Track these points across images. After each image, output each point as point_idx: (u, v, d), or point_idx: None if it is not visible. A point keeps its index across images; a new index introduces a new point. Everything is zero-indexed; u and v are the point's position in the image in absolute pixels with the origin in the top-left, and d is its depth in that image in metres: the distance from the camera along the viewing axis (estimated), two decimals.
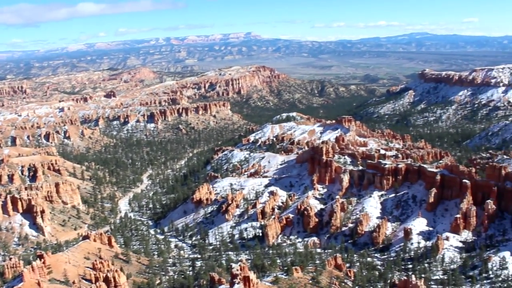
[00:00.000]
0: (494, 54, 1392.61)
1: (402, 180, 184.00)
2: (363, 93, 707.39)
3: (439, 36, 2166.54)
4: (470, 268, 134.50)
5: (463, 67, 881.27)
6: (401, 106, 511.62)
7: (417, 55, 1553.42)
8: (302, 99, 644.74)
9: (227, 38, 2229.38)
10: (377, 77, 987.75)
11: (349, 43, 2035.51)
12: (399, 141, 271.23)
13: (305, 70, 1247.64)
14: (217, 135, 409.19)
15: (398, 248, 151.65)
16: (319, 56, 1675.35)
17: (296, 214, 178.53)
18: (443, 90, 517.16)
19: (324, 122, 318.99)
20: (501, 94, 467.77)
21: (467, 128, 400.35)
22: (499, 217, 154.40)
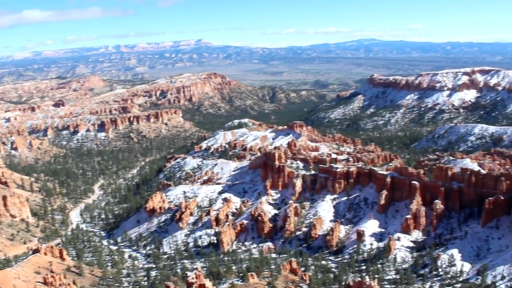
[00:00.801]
0: (438, 59, 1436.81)
1: (354, 183, 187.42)
2: (314, 98, 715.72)
3: (386, 42, 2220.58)
4: (421, 266, 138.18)
5: (410, 72, 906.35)
6: (351, 111, 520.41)
7: (365, 60, 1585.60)
8: (254, 105, 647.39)
9: (177, 46, 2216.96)
10: (327, 83, 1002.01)
11: (299, 50, 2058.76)
12: (350, 145, 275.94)
13: (256, 76, 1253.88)
14: (169, 143, 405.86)
15: (351, 250, 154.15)
16: (270, 63, 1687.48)
17: (250, 220, 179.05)
18: (391, 94, 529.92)
19: (276, 128, 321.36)
20: (446, 97, 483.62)
21: (414, 131, 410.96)
22: (447, 216, 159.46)
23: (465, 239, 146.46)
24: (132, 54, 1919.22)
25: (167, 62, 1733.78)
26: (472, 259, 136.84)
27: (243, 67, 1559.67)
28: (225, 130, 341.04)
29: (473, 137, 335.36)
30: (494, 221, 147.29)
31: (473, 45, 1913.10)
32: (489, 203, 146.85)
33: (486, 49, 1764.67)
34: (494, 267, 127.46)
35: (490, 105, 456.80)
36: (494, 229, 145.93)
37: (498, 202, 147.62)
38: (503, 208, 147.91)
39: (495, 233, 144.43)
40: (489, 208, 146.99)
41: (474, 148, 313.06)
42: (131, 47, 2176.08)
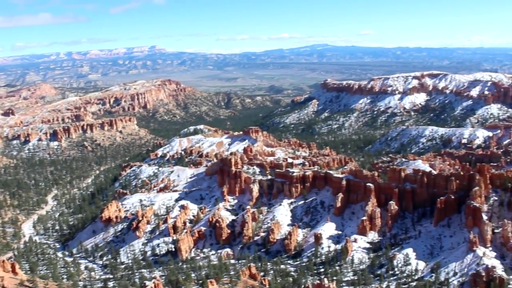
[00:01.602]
0: (389, 64, 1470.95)
1: (310, 187, 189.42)
2: (269, 103, 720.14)
3: (338, 47, 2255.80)
4: (377, 267, 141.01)
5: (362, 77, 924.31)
6: (305, 115, 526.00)
7: (319, 65, 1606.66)
8: (209, 111, 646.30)
9: (131, 52, 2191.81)
10: (281, 88, 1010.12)
11: (254, 55, 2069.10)
12: (305, 149, 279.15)
13: (211, 82, 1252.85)
14: (124, 151, 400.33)
15: (309, 253, 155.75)
16: (225, 69, 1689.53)
17: (208, 226, 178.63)
18: (345, 98, 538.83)
19: (231, 134, 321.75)
20: (397, 101, 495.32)
21: (368, 134, 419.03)
22: (401, 216, 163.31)
23: (419, 238, 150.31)
24: (85, 61, 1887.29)
25: (120, 69, 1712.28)
26: (426, 257, 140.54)
27: (198, 74, 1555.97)
28: (181, 137, 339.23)
29: (424, 139, 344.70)
30: (445, 220, 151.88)
31: (422, 50, 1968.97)
32: (441, 203, 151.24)
33: (434, 54, 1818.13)
34: (447, 264, 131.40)
35: (439, 107, 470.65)
36: (446, 227, 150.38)
37: (449, 201, 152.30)
38: (454, 207, 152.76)
39: (447, 231, 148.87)
40: (441, 207, 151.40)
41: (425, 150, 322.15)
42: (83, 54, 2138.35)
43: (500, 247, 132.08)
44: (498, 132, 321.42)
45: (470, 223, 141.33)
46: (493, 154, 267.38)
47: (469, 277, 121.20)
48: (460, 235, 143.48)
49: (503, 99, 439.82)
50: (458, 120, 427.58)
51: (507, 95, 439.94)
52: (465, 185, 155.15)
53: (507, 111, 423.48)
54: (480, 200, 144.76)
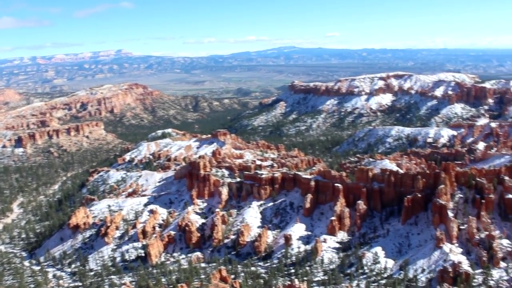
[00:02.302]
0: (356, 65, 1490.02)
1: (279, 189, 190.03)
2: (237, 106, 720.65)
3: (305, 49, 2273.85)
4: (347, 266, 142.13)
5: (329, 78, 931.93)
6: (273, 117, 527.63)
7: (286, 68, 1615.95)
8: (177, 115, 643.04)
9: (97, 56, 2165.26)
10: (249, 90, 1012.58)
11: (221, 58, 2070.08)
12: (273, 151, 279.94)
13: (178, 86, 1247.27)
14: (91, 156, 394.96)
15: (280, 255, 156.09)
16: (192, 72, 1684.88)
17: (178, 230, 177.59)
18: (312, 100, 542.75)
19: (200, 137, 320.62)
20: (364, 102, 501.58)
21: (335, 135, 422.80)
22: (370, 215, 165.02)
23: (387, 237, 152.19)
24: (50, 65, 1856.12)
25: (86, 73, 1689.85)
26: (395, 255, 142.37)
27: (165, 77, 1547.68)
28: (149, 141, 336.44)
29: (390, 138, 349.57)
30: (413, 218, 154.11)
31: (387, 51, 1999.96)
32: (408, 201, 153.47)
33: (399, 55, 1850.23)
34: (415, 261, 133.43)
35: (405, 108, 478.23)
36: (413, 225, 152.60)
37: (416, 200, 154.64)
38: (421, 205, 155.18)
39: (415, 229, 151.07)
40: (408, 205, 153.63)
41: (392, 149, 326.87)
42: (48, 58, 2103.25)
43: (465, 243, 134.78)
44: (462, 131, 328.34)
45: (436, 220, 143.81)
46: (458, 153, 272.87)
47: (436, 273, 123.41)
48: (427, 233, 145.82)
49: (466, 99, 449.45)
50: (423, 119, 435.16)
51: (470, 94, 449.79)
52: (431, 183, 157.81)
53: (470, 111, 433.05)
54: (445, 198, 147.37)
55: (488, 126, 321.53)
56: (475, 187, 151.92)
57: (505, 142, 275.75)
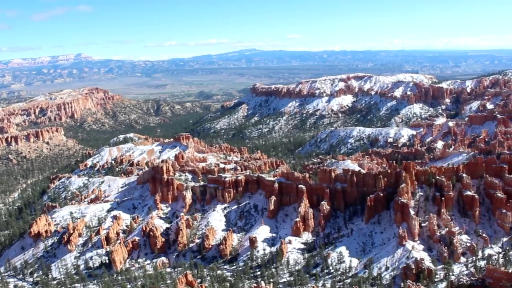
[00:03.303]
0: (316, 67, 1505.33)
1: (243, 191, 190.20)
2: (199, 109, 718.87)
3: (266, 52, 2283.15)
4: (313, 266, 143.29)
5: (290, 80, 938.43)
6: (236, 120, 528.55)
7: (247, 70, 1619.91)
8: (139, 119, 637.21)
9: (56, 61, 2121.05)
10: (211, 94, 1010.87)
11: (182, 61, 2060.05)
12: (236, 154, 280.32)
13: (139, 90, 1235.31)
14: (52, 163, 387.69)
15: (245, 257, 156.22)
16: (153, 76, 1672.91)
17: (142, 236, 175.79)
18: (274, 102, 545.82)
19: (162, 141, 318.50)
20: (325, 103, 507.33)
21: (298, 137, 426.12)
22: (333, 216, 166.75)
23: (351, 236, 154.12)
24: (6, 70, 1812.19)
25: (45, 78, 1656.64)
26: (359, 254, 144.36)
27: (126, 81, 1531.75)
28: (111, 146, 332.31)
29: (352, 139, 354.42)
30: (376, 217, 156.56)
31: (347, 53, 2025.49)
32: (370, 201, 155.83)
33: (359, 56, 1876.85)
34: (379, 259, 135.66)
35: (365, 108, 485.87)
36: (376, 224, 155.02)
37: (378, 199, 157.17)
38: (383, 204, 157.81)
39: (378, 227, 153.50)
40: (371, 205, 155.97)
41: (354, 150, 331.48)
42: (4, 63, 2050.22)
43: (427, 240, 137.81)
44: (421, 130, 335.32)
45: (398, 218, 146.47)
46: (417, 152, 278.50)
47: (400, 271, 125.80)
48: (390, 231, 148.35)
49: (425, 99, 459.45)
50: (383, 120, 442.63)
51: (428, 95, 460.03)
52: (392, 182, 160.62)
53: (428, 110, 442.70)
54: (407, 196, 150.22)
55: (446, 125, 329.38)
56: (435, 185, 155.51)
57: (462, 141, 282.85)
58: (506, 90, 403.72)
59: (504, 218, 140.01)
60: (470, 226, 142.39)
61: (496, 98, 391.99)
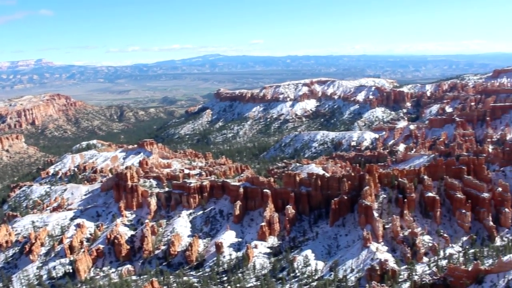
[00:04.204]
0: (280, 72, 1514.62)
1: (208, 197, 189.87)
2: (163, 115, 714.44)
3: (230, 57, 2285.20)
4: (279, 270, 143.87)
5: (254, 85, 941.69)
6: (200, 126, 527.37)
7: (211, 75, 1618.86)
8: (102, 125, 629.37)
9: (15, 66, 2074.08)
10: (175, 99, 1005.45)
11: (145, 67, 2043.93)
12: (201, 159, 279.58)
13: (102, 96, 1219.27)
14: (12, 171, 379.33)
15: (211, 263, 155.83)
16: (116, 81, 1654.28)
17: (107, 244, 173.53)
18: (238, 107, 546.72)
19: (126, 147, 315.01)
20: (289, 108, 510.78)
21: (262, 141, 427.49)
22: (298, 219, 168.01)
23: (316, 239, 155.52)
24: None
25: (4, 84, 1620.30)
26: (325, 257, 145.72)
27: (88, 87, 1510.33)
28: (73, 153, 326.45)
29: (316, 143, 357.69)
30: (340, 220, 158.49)
31: (310, 58, 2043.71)
32: (335, 204, 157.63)
33: (322, 61, 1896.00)
34: (344, 261, 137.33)
35: (329, 112, 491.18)
36: (341, 227, 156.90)
37: (342, 202, 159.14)
38: (347, 206, 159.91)
39: (342, 230, 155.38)
40: (335, 208, 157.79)
41: (318, 154, 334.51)
42: None
43: (391, 241, 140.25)
44: (383, 134, 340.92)
45: (363, 221, 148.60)
46: (380, 155, 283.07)
47: (365, 272, 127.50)
48: (355, 233, 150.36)
49: (386, 103, 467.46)
50: (347, 123, 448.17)
51: (389, 99, 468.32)
52: (356, 185, 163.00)
53: (390, 114, 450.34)
54: (370, 199, 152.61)
55: (407, 129, 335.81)
56: (398, 187, 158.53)
57: (423, 143, 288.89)
58: (464, 94, 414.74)
59: (464, 218, 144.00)
60: (432, 226, 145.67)
61: (454, 101, 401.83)
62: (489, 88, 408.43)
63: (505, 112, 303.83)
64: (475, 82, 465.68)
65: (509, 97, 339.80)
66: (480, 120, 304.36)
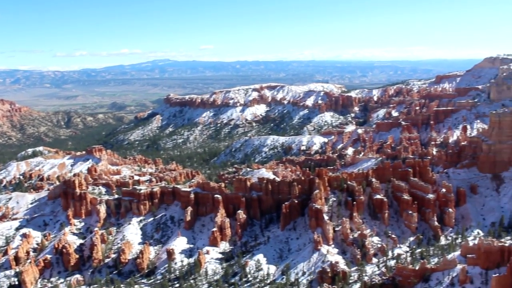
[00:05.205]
0: (230, 77, 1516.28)
1: (159, 203, 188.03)
2: (112, 121, 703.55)
3: (180, 62, 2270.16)
4: (231, 276, 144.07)
5: (204, 91, 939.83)
6: (150, 131, 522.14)
7: (161, 81, 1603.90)
8: (49, 132, 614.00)
9: None
10: (124, 105, 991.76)
11: (94, 72, 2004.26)
12: (151, 166, 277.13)
13: (49, 101, 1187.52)
14: None
15: (163, 270, 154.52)
16: (63, 86, 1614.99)
17: (55, 253, 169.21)
18: (188, 113, 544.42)
19: (74, 154, 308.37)
20: (239, 113, 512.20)
21: (213, 147, 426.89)
22: (250, 224, 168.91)
23: (268, 244, 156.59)
24: None
25: None
26: (276, 261, 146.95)
27: (34, 92, 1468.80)
28: (18, 161, 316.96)
29: (266, 148, 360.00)
30: (291, 223, 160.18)
31: (260, 63, 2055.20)
32: (286, 208, 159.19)
33: (271, 67, 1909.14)
34: (296, 265, 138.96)
35: (279, 117, 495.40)
36: (292, 230, 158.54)
37: (293, 206, 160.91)
38: (298, 210, 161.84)
39: (294, 234, 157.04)
40: (286, 212, 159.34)
41: (268, 158, 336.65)
42: None
43: (341, 243, 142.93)
44: (332, 138, 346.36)
45: (313, 224, 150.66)
46: (329, 158, 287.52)
47: (316, 275, 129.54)
48: (306, 237, 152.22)
49: (335, 108, 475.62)
50: (296, 128, 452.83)
51: (338, 103, 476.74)
52: (306, 189, 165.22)
53: (338, 118, 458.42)
54: (320, 202, 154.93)
55: (355, 133, 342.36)
56: (347, 190, 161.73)
57: (371, 147, 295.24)
58: (409, 99, 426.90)
59: (410, 219, 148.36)
60: (380, 228, 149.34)
61: (400, 106, 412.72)
62: (432, 93, 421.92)
63: (448, 116, 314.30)
64: (419, 87, 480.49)
65: (451, 102, 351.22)
66: (425, 123, 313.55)
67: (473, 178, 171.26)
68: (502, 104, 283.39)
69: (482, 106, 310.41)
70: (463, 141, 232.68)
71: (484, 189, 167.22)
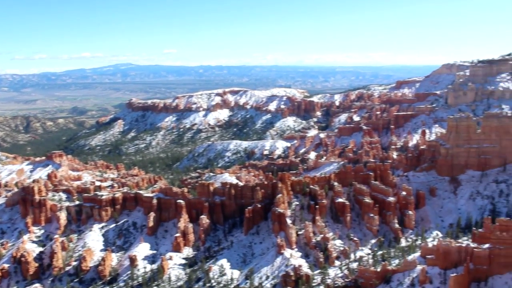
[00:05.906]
0: (193, 82, 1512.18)
1: (121, 209, 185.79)
2: (72, 126, 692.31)
3: (142, 66, 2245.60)
4: (195, 281, 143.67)
5: (167, 95, 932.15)
6: (112, 136, 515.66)
7: (123, 85, 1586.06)
8: (6, 137, 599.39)
9: None
10: (85, 109, 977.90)
11: (54, 76, 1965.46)
12: (113, 171, 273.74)
13: (6, 105, 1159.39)
14: None
15: (126, 277, 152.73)
16: (22, 90, 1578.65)
17: (13, 262, 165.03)
18: (151, 117, 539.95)
19: (33, 160, 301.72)
20: (202, 117, 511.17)
21: (175, 152, 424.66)
22: (213, 229, 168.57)
23: (231, 248, 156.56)
24: None
25: None
26: (240, 265, 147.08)
27: None
28: None
29: (229, 152, 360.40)
30: (255, 228, 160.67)
31: (223, 68, 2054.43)
32: (249, 212, 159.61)
33: (234, 71, 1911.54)
34: (259, 269, 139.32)
35: (242, 122, 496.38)
36: (255, 235, 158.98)
37: (256, 210, 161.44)
38: (261, 215, 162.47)
39: (257, 238, 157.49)
40: (249, 216, 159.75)
41: (231, 163, 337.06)
42: None
43: (304, 247, 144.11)
44: (295, 142, 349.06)
45: (276, 228, 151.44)
46: (292, 163, 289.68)
47: (280, 279, 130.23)
48: (269, 241, 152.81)
49: (297, 112, 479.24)
50: (259, 133, 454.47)
51: (300, 108, 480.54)
52: (269, 193, 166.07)
53: (301, 123, 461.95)
54: (283, 206, 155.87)
55: (317, 137, 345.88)
56: (310, 194, 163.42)
57: (333, 151, 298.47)
58: (370, 104, 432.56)
59: (372, 221, 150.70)
60: (343, 231, 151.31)
61: (361, 111, 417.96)
62: (392, 98, 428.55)
63: (407, 120, 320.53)
64: (380, 92, 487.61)
65: (411, 107, 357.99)
66: (385, 128, 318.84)
67: (432, 181, 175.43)
68: (459, 109, 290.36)
69: (440, 111, 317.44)
70: (422, 145, 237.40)
71: (442, 192, 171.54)
